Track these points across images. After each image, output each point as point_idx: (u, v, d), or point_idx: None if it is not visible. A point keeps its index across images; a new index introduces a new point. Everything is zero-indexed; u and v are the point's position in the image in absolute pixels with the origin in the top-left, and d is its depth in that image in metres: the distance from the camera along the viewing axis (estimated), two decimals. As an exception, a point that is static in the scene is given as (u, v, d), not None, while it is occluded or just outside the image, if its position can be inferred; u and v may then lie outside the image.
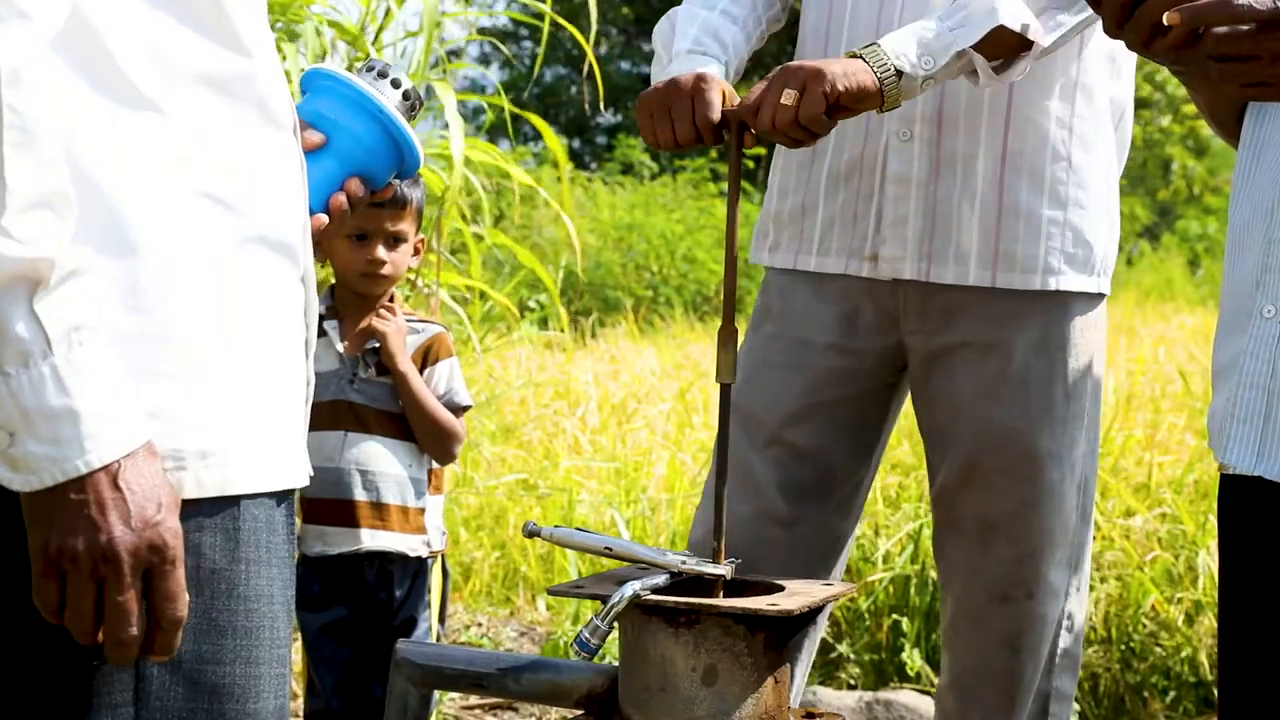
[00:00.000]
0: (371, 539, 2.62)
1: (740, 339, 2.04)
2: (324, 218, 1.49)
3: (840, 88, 1.96)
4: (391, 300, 2.70)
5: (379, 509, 2.63)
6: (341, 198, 1.50)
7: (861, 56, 2.02)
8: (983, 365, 2.21)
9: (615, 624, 1.63)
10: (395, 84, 1.54)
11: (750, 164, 11.65)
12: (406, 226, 2.64)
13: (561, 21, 4.18)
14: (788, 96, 1.95)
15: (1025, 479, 2.21)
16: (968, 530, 2.25)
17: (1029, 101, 2.19)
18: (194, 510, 1.18)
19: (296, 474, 1.29)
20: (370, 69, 1.55)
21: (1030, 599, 2.23)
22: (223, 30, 1.23)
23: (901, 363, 2.30)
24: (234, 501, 1.22)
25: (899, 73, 2.01)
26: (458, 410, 2.70)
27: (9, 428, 1.07)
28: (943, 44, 2.05)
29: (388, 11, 3.90)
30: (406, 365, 2.63)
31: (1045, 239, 2.20)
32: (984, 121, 2.18)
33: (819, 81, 1.95)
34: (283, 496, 1.27)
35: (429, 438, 2.66)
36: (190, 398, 1.18)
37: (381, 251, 2.62)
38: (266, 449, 1.25)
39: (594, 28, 4.15)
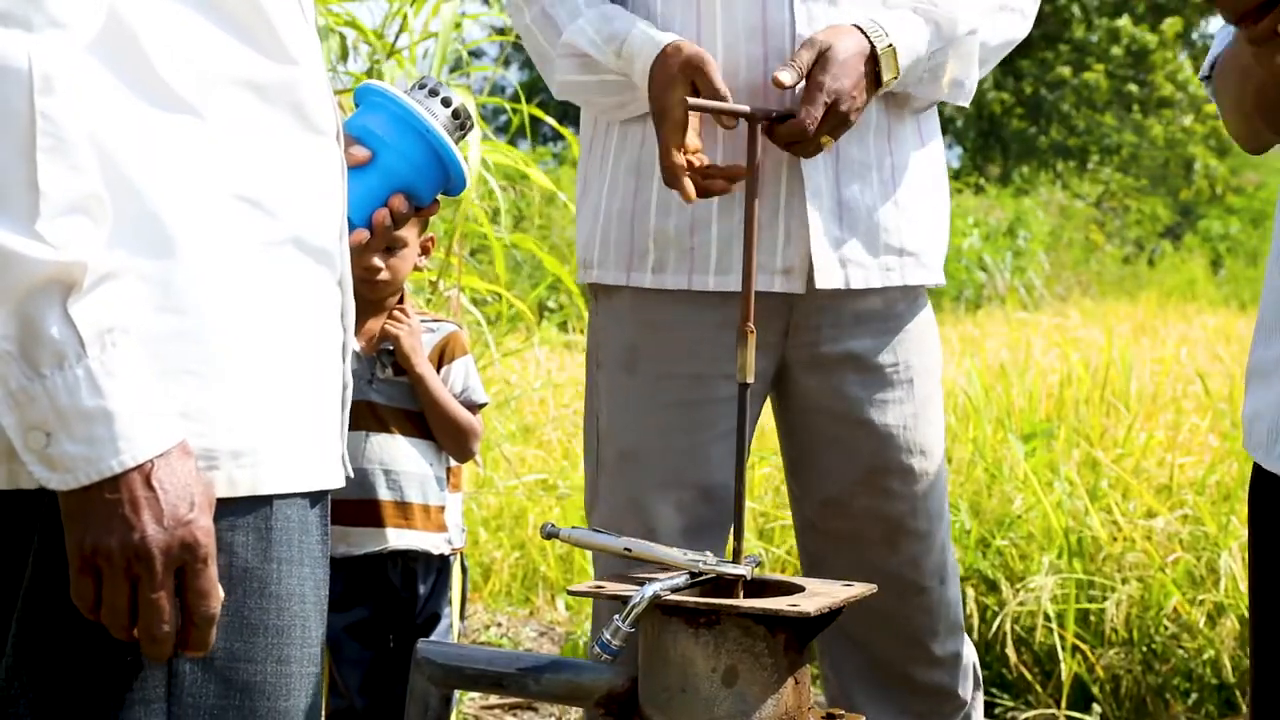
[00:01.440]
0: (397, 538, 2.64)
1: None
2: (365, 233, 1.49)
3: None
4: (402, 302, 2.71)
5: (403, 508, 2.64)
6: (384, 213, 1.51)
7: (887, 87, 2.09)
8: (874, 369, 2.18)
9: (636, 624, 1.62)
10: (446, 102, 1.54)
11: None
12: (404, 232, 2.62)
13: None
14: (828, 145, 2.05)
15: (920, 475, 2.20)
16: (869, 536, 2.21)
17: (902, 108, 2.21)
18: (226, 509, 1.19)
19: (331, 475, 1.30)
20: (421, 86, 1.55)
21: (944, 584, 2.24)
22: (262, 35, 1.24)
23: (772, 377, 2.23)
24: (266, 501, 1.23)
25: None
26: (474, 407, 2.72)
27: (45, 428, 1.08)
28: (913, 78, 2.12)
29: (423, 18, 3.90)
30: (424, 366, 2.64)
31: (929, 236, 2.23)
32: (871, 127, 2.16)
33: (847, 128, 2.06)
34: (317, 497, 1.28)
35: (448, 436, 2.67)
36: (223, 398, 1.20)
37: (376, 260, 2.62)
38: (299, 450, 1.26)
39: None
